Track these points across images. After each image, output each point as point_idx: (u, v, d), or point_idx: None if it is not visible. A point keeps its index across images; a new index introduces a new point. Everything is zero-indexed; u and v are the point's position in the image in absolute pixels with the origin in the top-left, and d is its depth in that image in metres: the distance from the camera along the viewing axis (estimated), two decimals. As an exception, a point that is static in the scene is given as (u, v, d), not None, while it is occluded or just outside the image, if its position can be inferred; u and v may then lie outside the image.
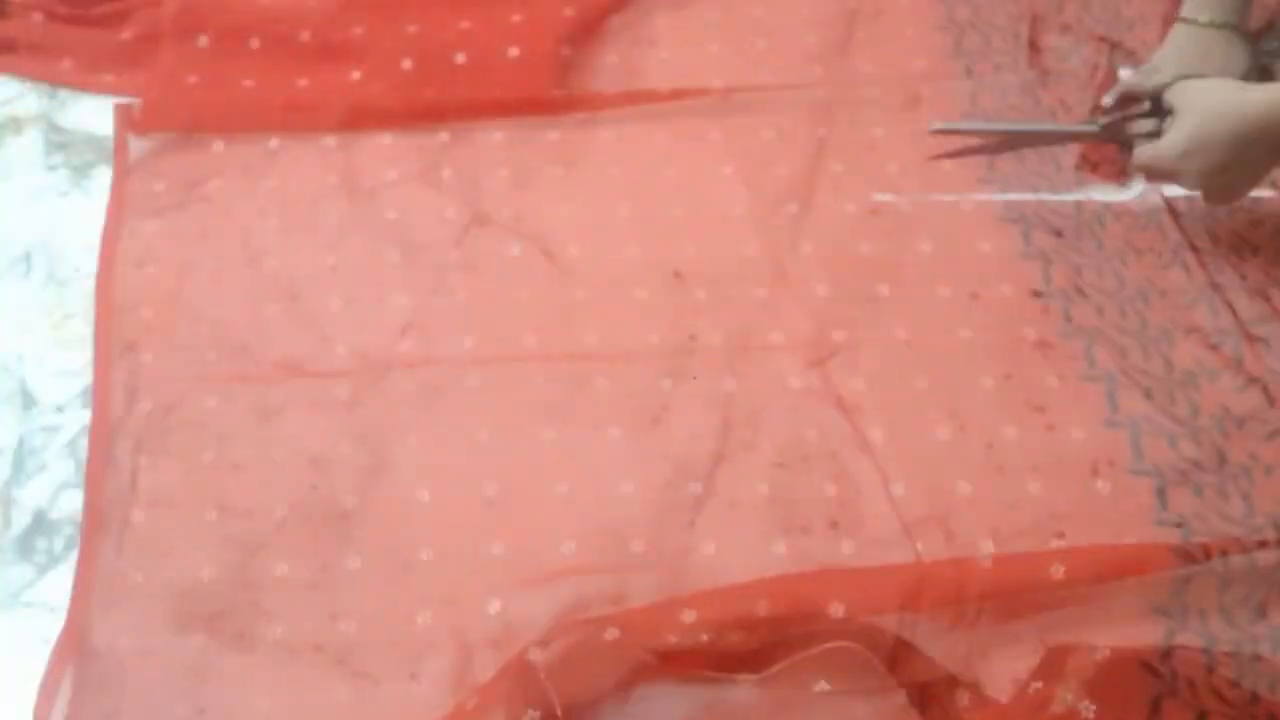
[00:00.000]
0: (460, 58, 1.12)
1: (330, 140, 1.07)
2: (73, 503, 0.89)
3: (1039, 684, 0.77)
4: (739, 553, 0.85)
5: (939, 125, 1.00)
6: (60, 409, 0.94)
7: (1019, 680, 0.79)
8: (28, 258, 1.02)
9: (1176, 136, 0.92)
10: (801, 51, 1.13)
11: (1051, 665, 0.78)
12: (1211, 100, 0.91)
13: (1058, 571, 0.81)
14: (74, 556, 0.86)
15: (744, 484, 0.88)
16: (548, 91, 1.09)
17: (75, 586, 0.85)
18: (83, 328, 0.98)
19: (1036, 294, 0.97)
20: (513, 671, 0.77)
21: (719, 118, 1.09)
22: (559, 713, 0.74)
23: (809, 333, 0.95)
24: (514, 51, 1.12)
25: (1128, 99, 0.99)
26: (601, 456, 0.89)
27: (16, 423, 0.93)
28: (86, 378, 0.95)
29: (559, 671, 0.76)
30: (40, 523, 0.88)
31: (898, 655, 0.78)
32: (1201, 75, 0.94)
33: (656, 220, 1.03)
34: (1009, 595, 0.81)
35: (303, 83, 1.11)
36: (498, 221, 1.03)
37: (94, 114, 1.11)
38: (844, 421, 0.91)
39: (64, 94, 1.13)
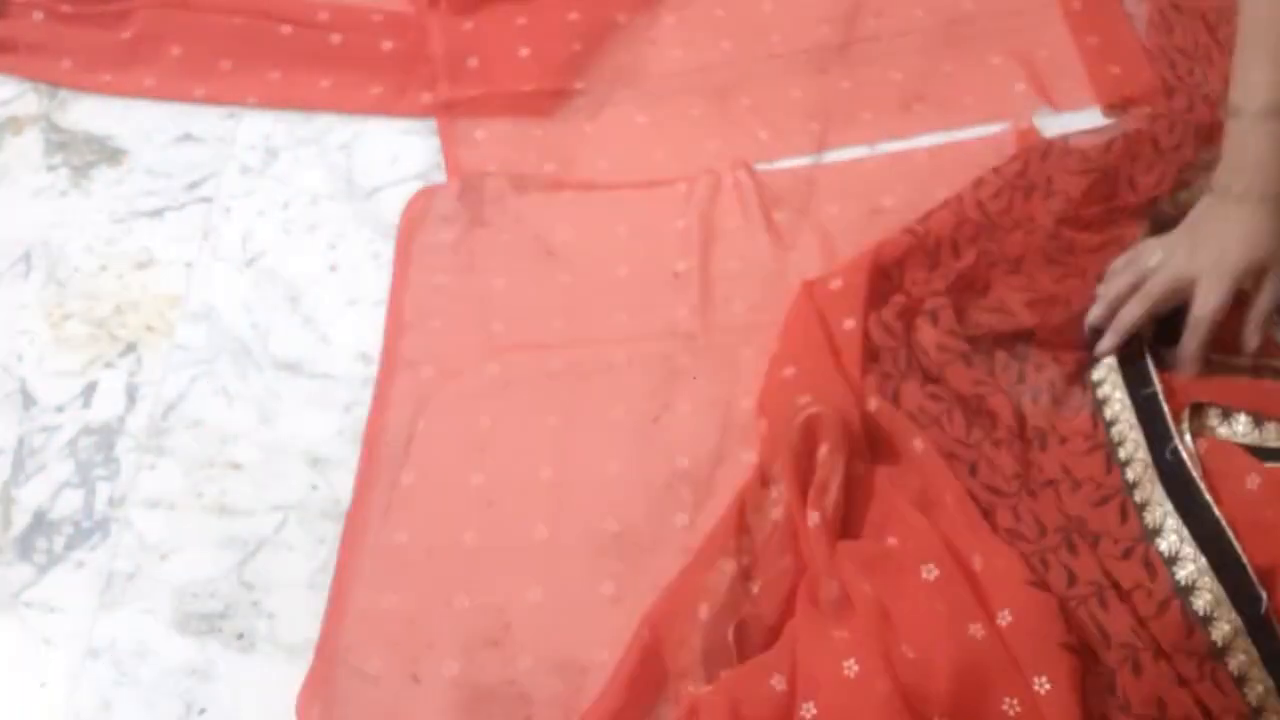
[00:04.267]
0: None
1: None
2: (72, 503, 0.89)
3: None
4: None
5: None
6: (60, 409, 0.93)
7: None
8: (28, 258, 1.02)
9: None
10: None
11: None
12: None
13: None
14: (74, 556, 0.86)
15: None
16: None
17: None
18: (82, 328, 0.98)
19: None
20: None
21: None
22: None
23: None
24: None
25: None
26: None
27: (16, 423, 0.93)
28: (86, 377, 0.95)
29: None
30: (40, 523, 0.88)
31: None
32: None
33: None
34: None
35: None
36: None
37: (94, 114, 1.11)
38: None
39: (64, 94, 1.13)
